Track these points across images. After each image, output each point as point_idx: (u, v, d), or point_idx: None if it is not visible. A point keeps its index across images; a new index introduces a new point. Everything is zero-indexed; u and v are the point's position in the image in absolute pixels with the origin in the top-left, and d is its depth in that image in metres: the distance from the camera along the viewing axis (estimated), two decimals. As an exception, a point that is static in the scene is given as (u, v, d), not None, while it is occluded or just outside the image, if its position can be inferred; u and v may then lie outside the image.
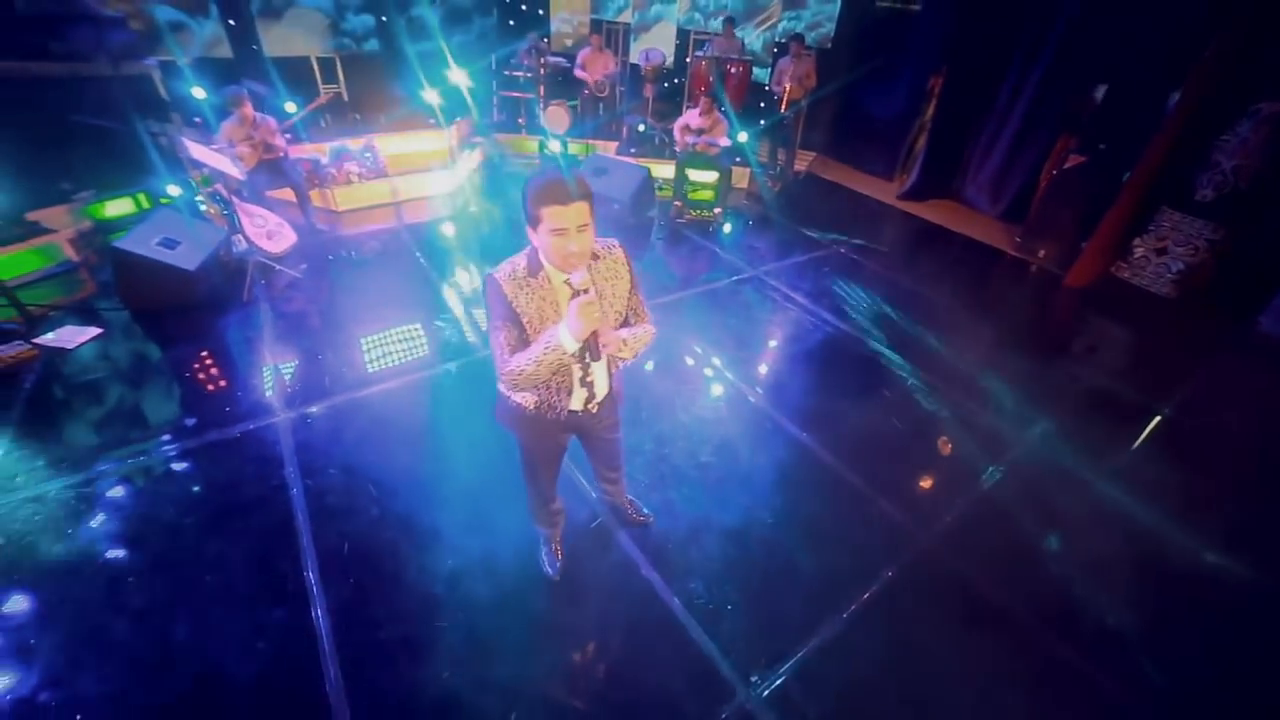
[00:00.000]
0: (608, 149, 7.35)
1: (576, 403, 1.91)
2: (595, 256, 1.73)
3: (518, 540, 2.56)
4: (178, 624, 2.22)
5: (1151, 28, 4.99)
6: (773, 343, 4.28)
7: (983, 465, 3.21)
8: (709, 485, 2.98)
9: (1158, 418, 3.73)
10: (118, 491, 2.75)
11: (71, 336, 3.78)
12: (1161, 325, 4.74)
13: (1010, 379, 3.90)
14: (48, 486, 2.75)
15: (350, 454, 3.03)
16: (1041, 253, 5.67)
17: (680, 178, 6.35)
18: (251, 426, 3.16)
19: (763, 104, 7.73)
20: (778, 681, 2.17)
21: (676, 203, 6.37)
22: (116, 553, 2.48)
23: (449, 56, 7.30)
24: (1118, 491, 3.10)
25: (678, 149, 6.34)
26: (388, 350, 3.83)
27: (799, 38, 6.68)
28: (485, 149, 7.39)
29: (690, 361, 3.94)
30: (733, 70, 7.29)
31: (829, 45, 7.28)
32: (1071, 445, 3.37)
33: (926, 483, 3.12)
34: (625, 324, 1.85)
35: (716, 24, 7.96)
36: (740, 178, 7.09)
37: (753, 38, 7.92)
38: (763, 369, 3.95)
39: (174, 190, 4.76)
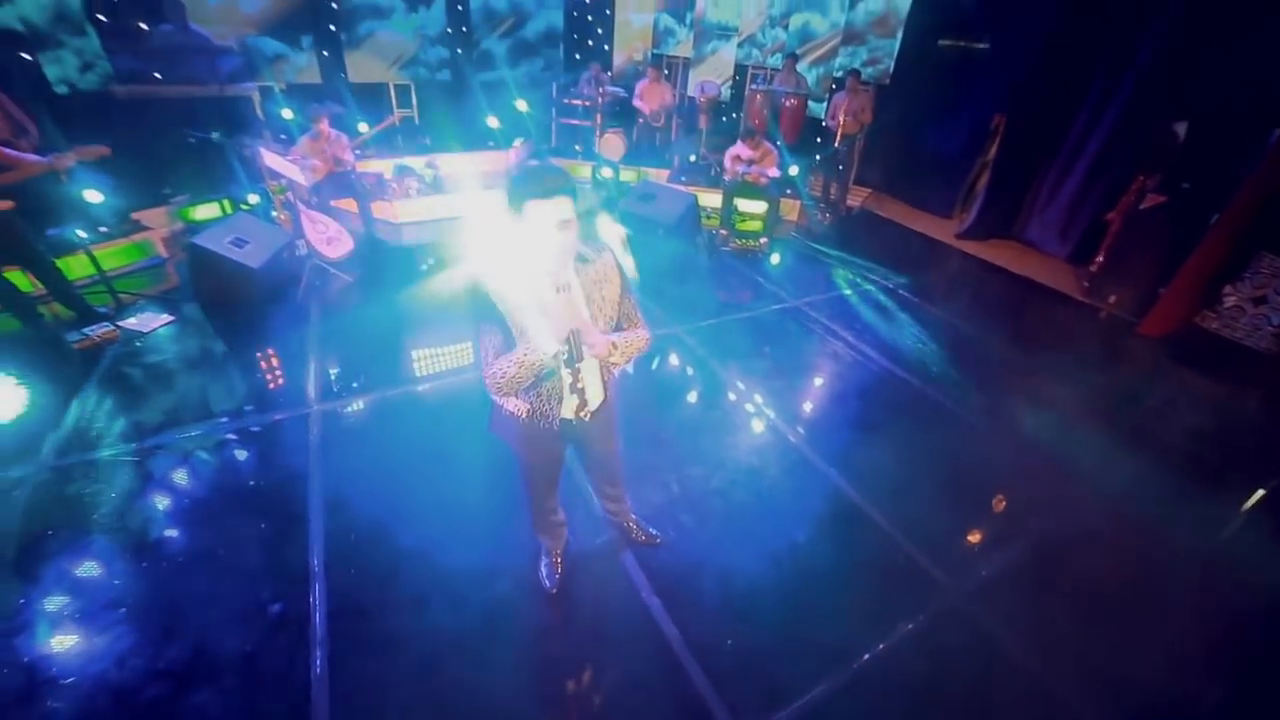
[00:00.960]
0: (659, 177, 7.46)
1: (568, 410, 1.86)
2: (584, 259, 1.69)
3: (521, 549, 2.52)
4: (188, 586, 2.32)
5: (1247, 59, 4.63)
6: (809, 374, 4.13)
7: (1030, 523, 2.93)
8: (724, 512, 2.85)
9: (1260, 492, 3.29)
10: (160, 462, 2.93)
11: (147, 322, 4.12)
12: (1259, 383, 4.24)
13: (1070, 430, 3.58)
14: (104, 452, 2.97)
15: (372, 450, 3.12)
16: (1113, 298, 5.25)
17: (728, 206, 6.36)
18: (285, 415, 3.31)
19: (818, 139, 7.68)
20: (771, 729, 2.00)
21: (722, 231, 6.36)
22: (146, 517, 2.62)
23: (513, 86, 7.73)
24: (1193, 570, 2.73)
25: (727, 178, 6.36)
26: (423, 355, 3.95)
27: (856, 73, 6.64)
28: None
29: (719, 386, 3.85)
30: (788, 103, 7.31)
31: (887, 81, 7.19)
32: (1142, 513, 3.02)
33: (963, 534, 2.87)
34: (618, 329, 1.80)
35: (774, 60, 8.04)
36: (790, 210, 7.02)
37: (808, 71, 7.94)
38: (795, 400, 3.80)
39: (252, 198, 5.18)
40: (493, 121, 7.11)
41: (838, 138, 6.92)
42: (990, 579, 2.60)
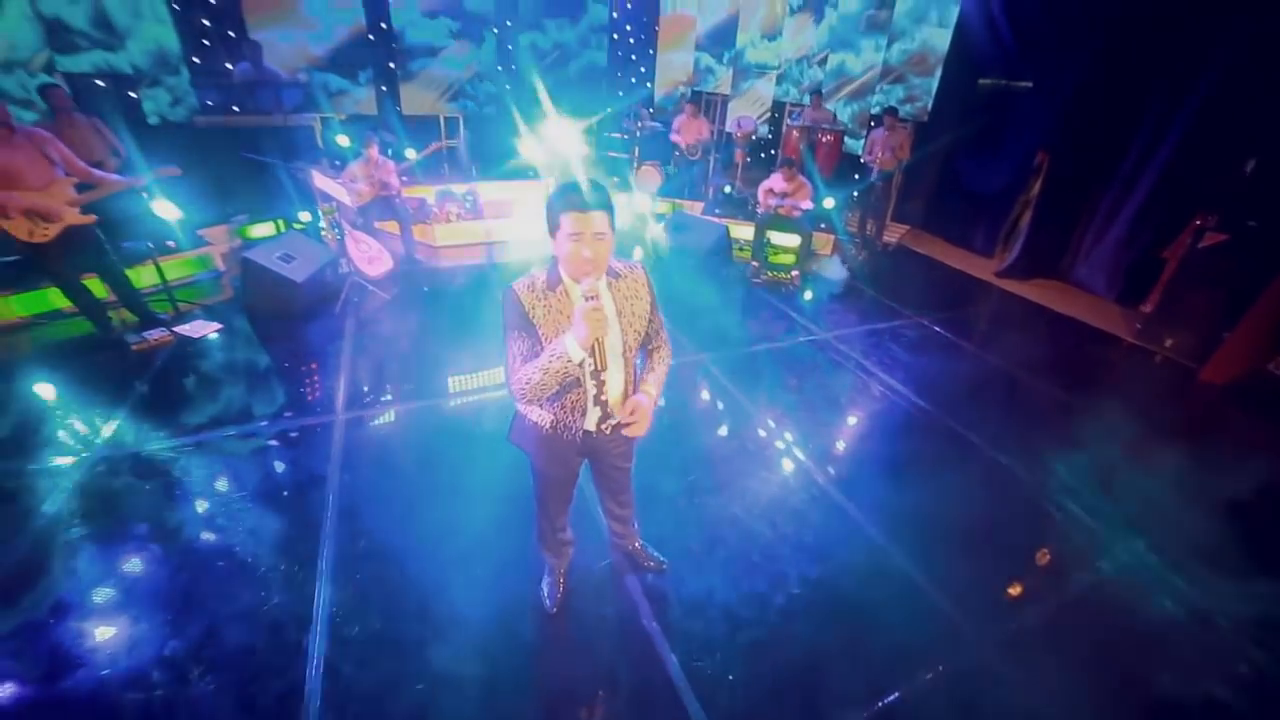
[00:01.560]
0: (694, 209, 7.56)
1: (590, 423, 1.87)
2: (616, 275, 1.73)
3: (525, 566, 2.49)
4: (202, 575, 2.39)
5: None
6: (836, 409, 4.00)
7: (1068, 576, 2.71)
8: (736, 542, 2.75)
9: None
10: (195, 459, 3.05)
11: (199, 329, 4.37)
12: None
13: (1123, 481, 3.33)
14: (149, 447, 3.13)
15: (391, 460, 3.17)
16: (1169, 341, 4.94)
17: (760, 239, 6.36)
18: (313, 421, 3.42)
19: (857, 175, 7.66)
20: (771, 775, 1.87)
21: (754, 263, 6.35)
22: (176, 509, 2.72)
23: (556, 119, 8.04)
24: (1243, 640, 2.46)
25: (760, 210, 6.39)
26: (449, 373, 4.03)
27: (893, 110, 6.63)
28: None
29: (741, 416, 3.78)
30: (824, 139, 7.34)
31: (925, 118, 7.15)
32: (1198, 576, 2.76)
33: (994, 584, 2.67)
34: (645, 341, 1.85)
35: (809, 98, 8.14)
36: (824, 244, 6.97)
37: (844, 107, 7.98)
38: (820, 434, 3.68)
39: (304, 216, 5.50)
40: (533, 153, 7.39)
41: (875, 173, 6.88)
42: (1019, 633, 2.40)
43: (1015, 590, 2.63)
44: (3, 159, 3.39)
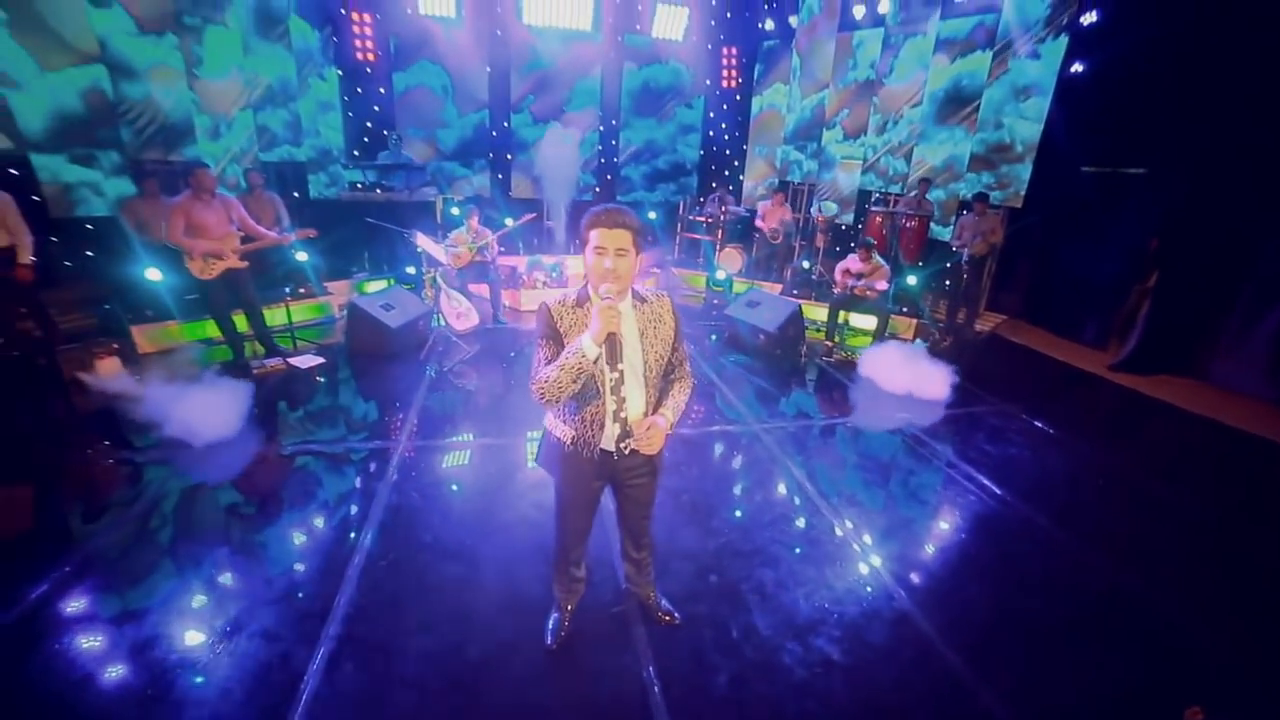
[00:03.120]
0: (773, 290, 7.64)
1: (609, 440, 1.89)
2: (642, 299, 1.85)
3: (536, 604, 2.44)
4: (250, 559, 2.62)
5: None
6: (898, 492, 3.67)
7: (1158, 702, 2.17)
8: (760, 608, 2.53)
9: None
10: (279, 465, 3.43)
11: (306, 361, 4.99)
12: None
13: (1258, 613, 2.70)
14: (246, 455, 3.57)
15: (435, 490, 3.33)
16: (1341, 456, 4.07)
17: (834, 319, 6.25)
18: (378, 445, 3.71)
19: (949, 264, 7.40)
20: None
21: (827, 342, 6.21)
22: (242, 509, 3.03)
23: (648, 204, 8.69)
24: None
25: (836, 290, 6.33)
26: (507, 421, 4.24)
27: (983, 196, 6.47)
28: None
29: (789, 487, 3.58)
30: (908, 224, 7.26)
31: (1019, 204, 6.87)
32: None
33: (1058, 695, 2.21)
34: (668, 369, 1.94)
35: (897, 187, 8.16)
36: (905, 328, 6.69)
37: (933, 194, 7.90)
38: (874, 516, 3.36)
39: (410, 271, 6.27)
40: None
41: (965, 257, 6.63)
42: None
43: (1061, 698, 2.14)
44: (201, 216, 4.30)
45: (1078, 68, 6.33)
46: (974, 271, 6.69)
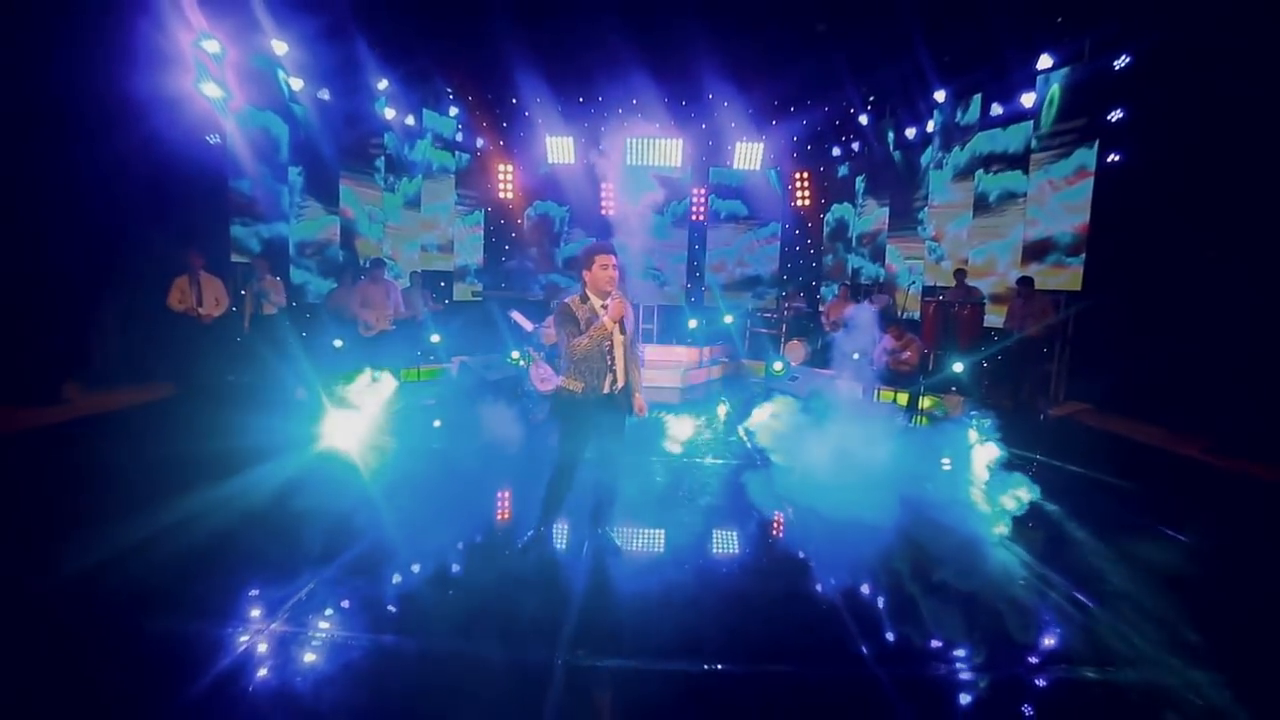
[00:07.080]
0: (827, 373, 8.16)
1: (607, 386, 2.96)
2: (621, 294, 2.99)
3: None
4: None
5: None
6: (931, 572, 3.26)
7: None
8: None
9: None
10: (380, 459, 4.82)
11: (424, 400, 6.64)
12: None
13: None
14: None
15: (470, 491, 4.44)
16: None
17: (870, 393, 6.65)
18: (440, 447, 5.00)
19: (1001, 347, 7.45)
20: None
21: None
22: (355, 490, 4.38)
23: (723, 306, 9.95)
24: None
25: (873, 367, 6.80)
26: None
27: (1027, 280, 6.70)
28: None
29: (777, 528, 3.98)
30: (962, 312, 7.55)
31: (1078, 287, 6.87)
32: None
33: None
34: (632, 341, 3.10)
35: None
36: (954, 405, 6.79)
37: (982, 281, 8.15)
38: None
39: (515, 354, 7.97)
40: (692, 323, 9.33)
41: (1020, 343, 6.75)
42: None
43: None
44: (372, 292, 6.35)
45: (1114, 158, 6.63)
46: (1031, 350, 6.73)
